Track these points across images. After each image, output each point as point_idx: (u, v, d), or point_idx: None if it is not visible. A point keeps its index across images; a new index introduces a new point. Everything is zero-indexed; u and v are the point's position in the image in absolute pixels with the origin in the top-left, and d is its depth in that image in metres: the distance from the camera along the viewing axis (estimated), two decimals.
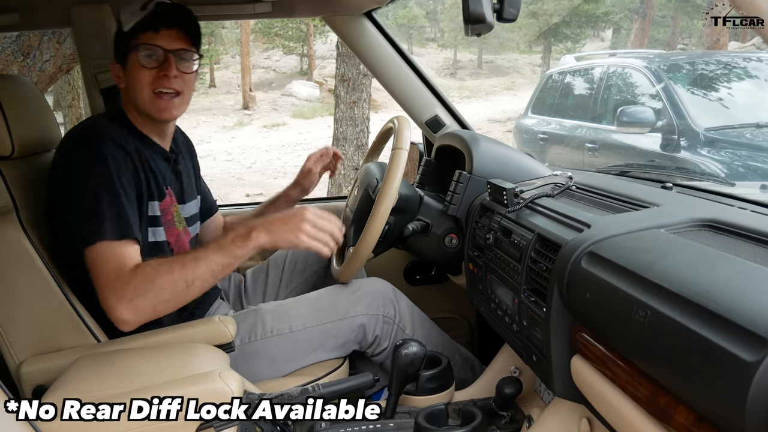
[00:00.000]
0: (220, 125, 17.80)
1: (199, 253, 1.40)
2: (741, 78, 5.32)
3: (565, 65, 7.11)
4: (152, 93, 1.53)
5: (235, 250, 1.40)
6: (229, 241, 1.40)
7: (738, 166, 4.26)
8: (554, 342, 1.19)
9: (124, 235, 1.39)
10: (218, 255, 1.39)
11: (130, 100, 1.58)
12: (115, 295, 1.34)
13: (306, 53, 23.41)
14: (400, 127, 1.73)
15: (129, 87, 1.56)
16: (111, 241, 1.37)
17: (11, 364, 1.44)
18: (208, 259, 1.39)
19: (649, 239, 1.08)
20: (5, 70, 3.07)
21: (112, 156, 1.43)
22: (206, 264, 1.38)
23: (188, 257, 1.39)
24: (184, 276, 1.36)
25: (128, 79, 1.55)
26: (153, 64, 1.52)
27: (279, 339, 1.66)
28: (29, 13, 1.86)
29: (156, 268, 1.36)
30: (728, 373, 0.73)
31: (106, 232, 1.37)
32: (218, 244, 1.41)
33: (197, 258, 1.38)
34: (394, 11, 25.74)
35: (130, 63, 1.53)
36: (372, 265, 2.06)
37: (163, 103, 1.55)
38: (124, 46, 1.54)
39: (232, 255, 1.40)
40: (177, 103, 1.58)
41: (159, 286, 1.35)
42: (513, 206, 1.47)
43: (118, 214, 1.40)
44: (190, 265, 1.37)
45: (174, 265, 1.37)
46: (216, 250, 1.40)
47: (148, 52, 1.52)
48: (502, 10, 1.18)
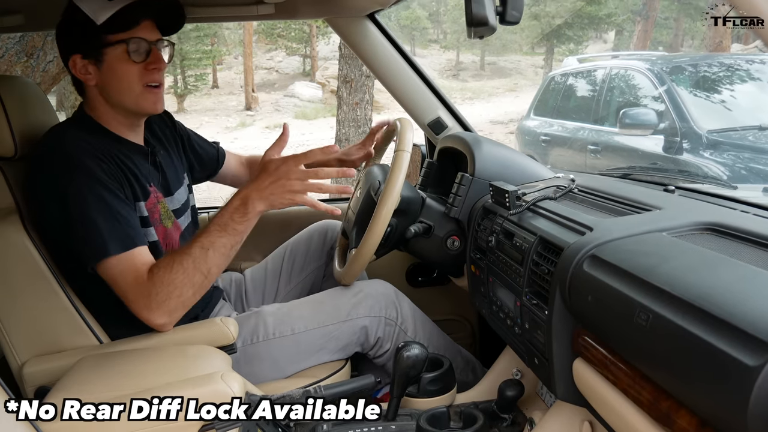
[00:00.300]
0: (223, 126, 17.83)
1: (204, 241, 1.40)
2: (744, 80, 5.31)
3: (567, 67, 7.11)
4: (143, 87, 1.51)
5: (236, 226, 1.41)
6: (229, 219, 1.41)
7: (740, 168, 4.25)
8: (556, 345, 1.19)
9: (128, 246, 1.39)
10: (223, 237, 1.40)
11: (109, 99, 1.52)
12: (144, 304, 1.38)
13: (309, 54, 23.45)
14: (403, 129, 1.73)
15: (109, 84, 1.50)
16: (118, 255, 1.38)
17: (13, 365, 1.44)
18: (215, 244, 1.40)
19: (651, 242, 1.08)
20: (9, 71, 3.07)
21: (92, 170, 1.40)
22: (214, 250, 1.40)
23: (195, 249, 1.40)
24: (198, 269, 1.39)
25: (108, 75, 1.49)
26: (141, 57, 1.49)
27: (281, 341, 1.66)
28: (33, 14, 1.86)
29: (169, 270, 1.38)
30: (730, 377, 0.73)
31: (110, 248, 1.37)
32: (219, 226, 1.41)
33: (204, 247, 1.40)
34: (397, 12, 25.78)
35: (109, 58, 1.48)
36: (374, 267, 2.06)
37: (153, 96, 1.53)
38: (95, 41, 1.47)
39: (237, 231, 1.41)
40: (162, 94, 1.57)
41: (180, 285, 1.38)
42: (515, 209, 1.47)
43: (117, 227, 1.39)
44: (200, 257, 1.39)
45: (185, 260, 1.39)
46: (219, 232, 1.40)
47: (136, 47, 1.48)
48: (504, 12, 1.17)
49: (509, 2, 1.17)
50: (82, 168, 1.39)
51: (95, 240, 1.37)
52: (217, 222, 1.42)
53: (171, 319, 1.42)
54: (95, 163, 1.41)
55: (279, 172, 1.40)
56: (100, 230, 1.37)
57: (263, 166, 1.43)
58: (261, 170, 1.42)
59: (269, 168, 1.41)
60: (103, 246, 1.37)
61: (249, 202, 1.40)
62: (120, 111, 1.54)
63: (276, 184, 1.39)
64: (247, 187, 1.42)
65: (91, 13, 1.44)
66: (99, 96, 1.53)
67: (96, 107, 1.55)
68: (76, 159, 1.40)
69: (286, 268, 2.02)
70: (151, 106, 1.54)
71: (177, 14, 1.58)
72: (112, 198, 1.41)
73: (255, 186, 1.41)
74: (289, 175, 1.39)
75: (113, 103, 1.53)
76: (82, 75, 1.51)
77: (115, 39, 1.47)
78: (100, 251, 1.37)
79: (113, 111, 1.55)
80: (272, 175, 1.40)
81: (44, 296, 1.44)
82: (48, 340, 1.45)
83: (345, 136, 6.51)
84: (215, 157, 2.05)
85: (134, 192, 1.51)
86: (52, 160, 1.42)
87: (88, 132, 1.50)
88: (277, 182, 1.39)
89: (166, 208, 1.63)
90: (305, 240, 2.05)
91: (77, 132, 1.48)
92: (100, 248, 1.37)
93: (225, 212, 1.42)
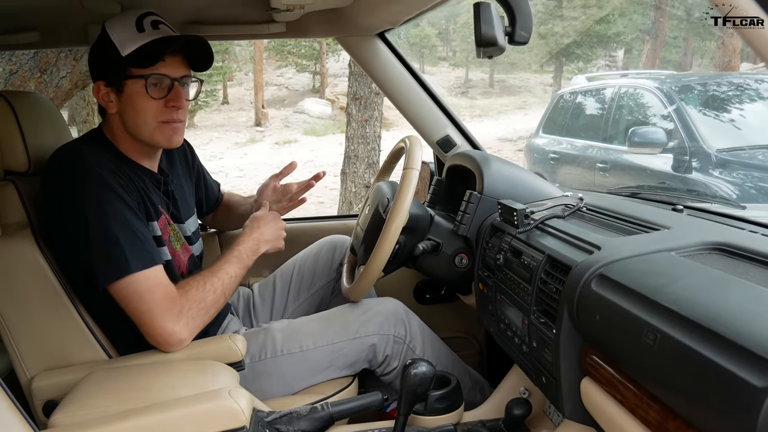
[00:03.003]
0: (233, 141, 17.90)
1: (230, 270, 1.55)
2: (753, 99, 5.31)
3: (576, 85, 7.12)
4: (158, 123, 1.51)
5: (248, 261, 1.61)
6: (246, 255, 1.60)
7: (750, 187, 4.24)
8: (564, 364, 1.19)
9: (149, 263, 1.41)
10: (240, 269, 1.58)
11: (127, 128, 1.53)
12: (175, 319, 1.42)
13: (318, 71, 23.56)
14: (412, 146, 1.74)
15: (128, 115, 1.51)
16: (140, 272, 1.39)
17: (22, 379, 1.45)
18: (237, 273, 1.57)
19: (659, 262, 1.08)
20: (23, 87, 3.11)
21: (112, 185, 1.41)
22: (229, 277, 1.54)
23: (224, 275, 1.53)
24: (224, 293, 1.53)
25: (127, 106, 1.50)
26: (160, 93, 1.49)
27: (289, 358, 1.66)
28: (49, 32, 1.88)
29: (203, 289, 1.47)
30: (738, 398, 0.73)
31: (132, 265, 1.38)
32: (238, 258, 1.58)
33: (230, 274, 1.55)
34: (407, 30, 25.89)
35: (129, 90, 1.48)
36: (382, 284, 2.06)
37: (169, 130, 1.53)
38: (120, 71, 1.48)
39: (246, 266, 1.60)
40: (181, 129, 1.57)
41: (209, 304, 1.49)
42: (523, 227, 1.48)
43: (137, 244, 1.40)
44: (227, 282, 1.53)
45: (216, 283, 1.50)
46: (238, 263, 1.58)
47: (155, 81, 1.48)
48: (513, 33, 1.19)
49: (518, 23, 1.19)
50: (102, 182, 1.40)
51: (117, 257, 1.37)
52: (236, 254, 1.58)
53: (190, 335, 1.46)
54: (113, 179, 1.43)
55: (277, 221, 1.72)
56: (122, 247, 1.37)
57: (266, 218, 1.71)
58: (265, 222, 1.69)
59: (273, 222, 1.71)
60: (125, 264, 1.37)
61: (258, 243, 1.64)
62: (137, 141, 1.55)
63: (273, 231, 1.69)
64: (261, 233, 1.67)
65: (119, 44, 1.46)
66: (119, 123, 1.54)
67: (115, 133, 1.56)
68: (96, 174, 1.41)
69: (295, 283, 2.03)
70: (165, 141, 1.55)
71: (204, 51, 1.56)
72: (131, 215, 1.42)
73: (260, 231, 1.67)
74: (279, 225, 1.72)
75: (131, 133, 1.54)
76: (104, 102, 1.52)
77: (137, 73, 1.47)
78: (122, 269, 1.37)
79: (131, 140, 1.55)
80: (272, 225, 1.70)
81: (54, 310, 1.45)
82: (57, 354, 1.46)
83: (354, 153, 6.53)
84: (216, 198, 2.07)
85: (147, 212, 1.52)
86: (70, 176, 1.43)
87: (104, 150, 1.52)
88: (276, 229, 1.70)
89: (176, 231, 1.65)
90: (314, 256, 2.06)
91: (94, 150, 1.49)
92: (122, 266, 1.37)
93: (241, 248, 1.60)
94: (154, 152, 1.63)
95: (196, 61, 1.57)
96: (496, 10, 1.17)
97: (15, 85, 3.07)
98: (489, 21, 1.15)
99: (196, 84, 1.61)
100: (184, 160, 1.85)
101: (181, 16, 1.87)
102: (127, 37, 1.46)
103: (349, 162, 6.55)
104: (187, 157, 1.87)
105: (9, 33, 1.85)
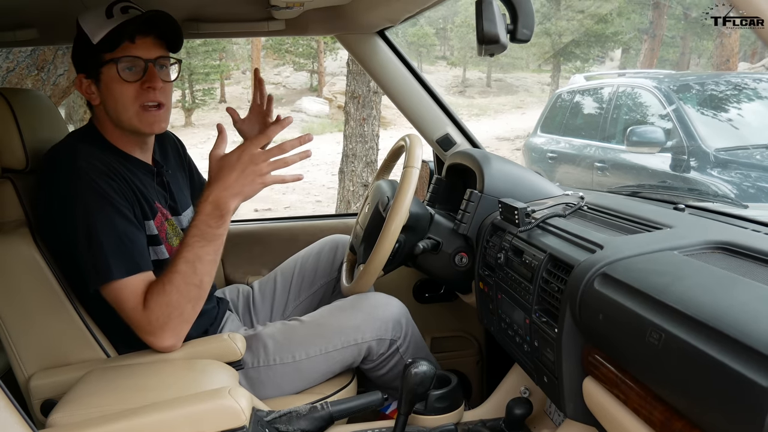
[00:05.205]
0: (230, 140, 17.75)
1: (187, 255, 1.37)
2: (751, 99, 5.32)
3: (574, 84, 7.12)
4: (138, 108, 1.48)
5: (215, 231, 1.38)
6: (206, 227, 1.37)
7: (748, 187, 4.24)
8: (566, 363, 1.19)
9: (132, 270, 1.39)
10: (205, 246, 1.37)
11: (110, 117, 1.51)
12: (147, 329, 1.38)
13: (316, 70, 23.53)
14: (412, 145, 1.73)
15: (108, 104, 1.49)
16: (121, 280, 1.37)
17: (20, 378, 1.44)
18: (199, 255, 1.38)
19: (662, 261, 1.08)
20: (20, 84, 3.10)
21: (102, 190, 1.39)
22: (200, 261, 1.38)
23: (181, 265, 1.37)
24: (190, 283, 1.38)
25: (106, 95, 1.48)
26: (134, 77, 1.46)
27: (282, 367, 1.64)
28: (47, 29, 1.87)
29: (162, 292, 1.37)
30: (744, 398, 0.72)
31: (114, 272, 1.37)
32: (198, 236, 1.37)
33: (189, 261, 1.37)
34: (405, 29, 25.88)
35: (105, 78, 1.47)
36: (381, 283, 2.05)
37: (150, 116, 1.50)
38: (94, 60, 1.46)
39: (217, 235, 1.38)
40: (163, 114, 1.54)
41: (177, 304, 1.38)
42: (524, 226, 1.47)
43: (122, 250, 1.38)
44: (188, 271, 1.37)
45: (175, 279, 1.37)
46: (199, 242, 1.37)
47: (128, 65, 1.46)
48: (515, 30, 1.18)
49: (520, 20, 1.18)
50: (93, 187, 1.39)
51: (100, 263, 1.36)
52: (194, 233, 1.38)
53: (177, 339, 1.42)
54: (105, 182, 1.41)
55: (243, 162, 1.35)
56: (105, 253, 1.36)
57: (221, 163, 1.37)
58: (220, 167, 1.36)
59: (230, 162, 1.36)
60: (107, 270, 1.36)
61: (221, 203, 1.35)
62: (126, 130, 1.53)
63: (244, 174, 1.35)
64: (213, 188, 1.36)
65: (89, 32, 1.45)
66: (104, 114, 1.53)
67: (103, 124, 1.55)
68: (87, 177, 1.40)
69: (296, 282, 2.01)
70: (147, 127, 1.51)
71: (171, 27, 1.51)
72: (120, 219, 1.40)
73: (221, 185, 1.35)
74: (255, 161, 1.35)
75: (114, 123, 1.52)
76: (87, 94, 1.52)
77: (108, 58, 1.45)
78: (104, 275, 1.36)
79: (118, 130, 1.54)
80: (236, 168, 1.35)
81: (52, 309, 1.44)
82: (55, 353, 1.45)
83: (352, 152, 6.51)
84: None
85: (143, 210, 1.50)
86: (63, 176, 1.42)
87: (98, 148, 1.50)
88: (245, 172, 1.35)
89: (174, 226, 1.63)
90: (315, 254, 2.04)
91: (88, 147, 1.47)
92: (105, 272, 1.36)
93: (199, 221, 1.37)
94: (143, 141, 1.60)
95: (171, 42, 1.54)
96: (498, 8, 1.17)
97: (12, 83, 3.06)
98: (491, 18, 1.15)
99: (175, 65, 1.58)
100: (176, 153, 1.84)
101: (180, 13, 1.86)
102: (97, 24, 1.44)
103: (347, 161, 6.54)
104: (179, 150, 1.86)
105: (7, 30, 1.84)
